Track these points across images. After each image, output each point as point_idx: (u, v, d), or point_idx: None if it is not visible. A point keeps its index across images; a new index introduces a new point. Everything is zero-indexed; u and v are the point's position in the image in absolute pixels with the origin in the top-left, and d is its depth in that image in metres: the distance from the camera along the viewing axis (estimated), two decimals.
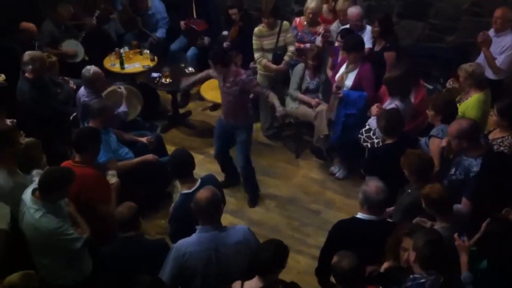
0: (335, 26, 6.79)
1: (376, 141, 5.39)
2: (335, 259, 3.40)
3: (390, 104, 5.27)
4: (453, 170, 4.38)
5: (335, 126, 6.11)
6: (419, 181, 4.12)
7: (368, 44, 6.28)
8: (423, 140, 4.91)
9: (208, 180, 4.37)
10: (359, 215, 3.94)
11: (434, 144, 4.64)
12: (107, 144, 5.13)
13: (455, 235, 3.61)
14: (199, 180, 4.25)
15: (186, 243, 3.70)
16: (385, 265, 3.68)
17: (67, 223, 3.98)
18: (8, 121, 5.24)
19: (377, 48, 6.33)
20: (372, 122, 5.45)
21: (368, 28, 6.48)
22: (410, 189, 4.23)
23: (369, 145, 5.47)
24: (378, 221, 3.87)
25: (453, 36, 7.42)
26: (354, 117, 5.85)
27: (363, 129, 5.55)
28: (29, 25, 6.66)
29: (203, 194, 3.68)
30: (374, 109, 5.46)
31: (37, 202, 3.87)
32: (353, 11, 6.41)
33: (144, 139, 5.82)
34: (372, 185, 3.89)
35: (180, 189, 4.31)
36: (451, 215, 3.83)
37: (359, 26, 6.43)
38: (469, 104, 5.08)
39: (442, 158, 4.58)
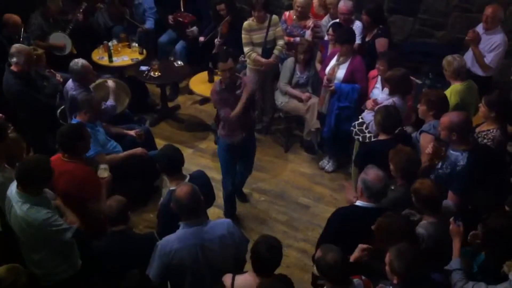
0: (325, 21, 6.79)
1: (368, 135, 5.38)
2: (318, 253, 3.37)
3: (387, 99, 5.25)
4: (439, 164, 4.40)
5: (327, 119, 6.11)
6: (403, 179, 4.15)
7: (357, 40, 6.28)
8: (414, 134, 4.92)
9: (197, 176, 4.35)
10: (359, 202, 3.94)
11: (425, 140, 4.63)
12: (95, 138, 5.06)
13: (451, 219, 3.65)
14: (188, 176, 4.22)
15: (171, 240, 3.68)
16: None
17: (56, 214, 3.92)
18: None
19: (368, 38, 6.35)
20: (366, 116, 5.43)
21: (357, 23, 6.48)
22: (393, 185, 4.22)
23: (360, 139, 5.45)
24: (376, 209, 3.84)
25: (443, 31, 7.44)
26: (347, 110, 5.85)
27: (356, 122, 5.52)
28: (13, 17, 6.56)
29: (182, 190, 3.65)
30: (369, 103, 5.44)
31: (23, 195, 3.81)
32: (344, 4, 6.40)
33: (132, 132, 5.77)
34: (372, 173, 3.87)
35: (169, 185, 4.27)
36: (439, 211, 3.84)
37: (349, 21, 6.42)
38: (454, 90, 5.14)
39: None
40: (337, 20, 6.51)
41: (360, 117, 5.53)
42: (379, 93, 5.56)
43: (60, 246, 3.99)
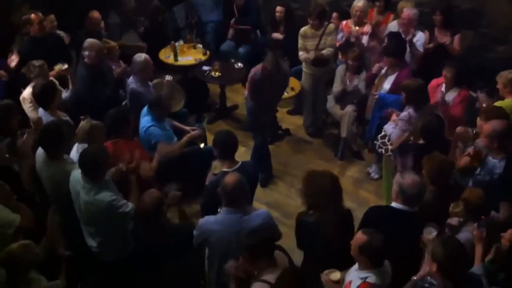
0: (393, 26, 6.78)
1: (390, 147, 5.47)
2: (363, 237, 3.46)
3: (404, 112, 5.37)
4: (478, 170, 4.47)
5: (369, 127, 6.26)
6: (434, 185, 4.25)
7: (419, 49, 6.38)
8: None
9: (248, 166, 4.62)
10: (393, 204, 4.04)
11: None
12: (161, 134, 5.43)
13: (474, 225, 3.71)
14: (240, 162, 4.50)
15: (210, 221, 4.00)
16: None
17: (119, 196, 4.28)
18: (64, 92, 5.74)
19: (442, 40, 6.41)
20: (387, 128, 5.53)
21: (420, 34, 6.50)
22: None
23: (383, 151, 5.59)
24: (410, 212, 3.94)
25: (504, 46, 7.31)
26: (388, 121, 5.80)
27: (379, 135, 5.64)
28: (93, 14, 7.08)
29: (230, 178, 3.94)
30: (393, 116, 5.53)
31: (88, 181, 4.19)
32: (407, 11, 6.46)
33: (188, 128, 6.02)
34: (408, 178, 3.94)
35: (220, 167, 4.51)
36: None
37: (408, 28, 6.40)
38: (504, 106, 5.06)
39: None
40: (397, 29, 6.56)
41: (382, 130, 5.62)
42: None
43: (122, 225, 4.32)
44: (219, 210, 4.18)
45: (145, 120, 5.48)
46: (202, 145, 5.83)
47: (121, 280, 4.54)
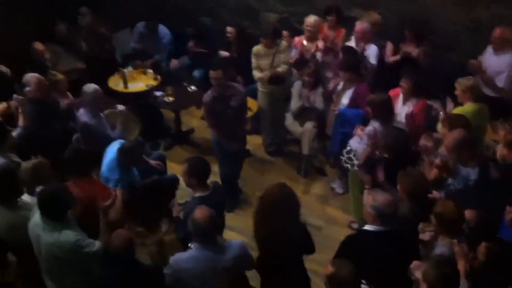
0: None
1: (356, 163, 5.45)
2: (330, 269, 3.42)
3: (369, 126, 5.35)
4: (450, 180, 4.47)
5: (331, 143, 6.22)
6: (410, 201, 4.21)
7: (372, 61, 6.41)
8: None
9: (218, 187, 4.61)
10: (368, 227, 3.95)
11: None
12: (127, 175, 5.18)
13: (455, 241, 3.68)
14: (212, 186, 4.44)
15: (183, 259, 3.84)
16: None
17: (84, 235, 4.04)
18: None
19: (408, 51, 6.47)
20: (353, 143, 5.51)
21: (372, 47, 6.53)
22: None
23: (349, 167, 5.55)
24: (385, 232, 3.85)
25: (453, 53, 7.43)
26: (351, 136, 5.80)
27: (345, 150, 5.61)
28: (37, 45, 6.86)
29: (200, 213, 3.78)
30: (358, 131, 5.51)
31: (49, 222, 3.94)
32: (359, 24, 6.55)
33: (154, 163, 5.79)
34: (382, 198, 3.86)
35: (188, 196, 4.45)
36: (462, 232, 3.87)
37: (362, 41, 6.48)
38: (465, 111, 5.14)
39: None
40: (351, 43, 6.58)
41: (348, 145, 5.59)
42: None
43: (88, 266, 4.07)
44: (189, 245, 4.03)
45: (111, 168, 5.14)
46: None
47: None
